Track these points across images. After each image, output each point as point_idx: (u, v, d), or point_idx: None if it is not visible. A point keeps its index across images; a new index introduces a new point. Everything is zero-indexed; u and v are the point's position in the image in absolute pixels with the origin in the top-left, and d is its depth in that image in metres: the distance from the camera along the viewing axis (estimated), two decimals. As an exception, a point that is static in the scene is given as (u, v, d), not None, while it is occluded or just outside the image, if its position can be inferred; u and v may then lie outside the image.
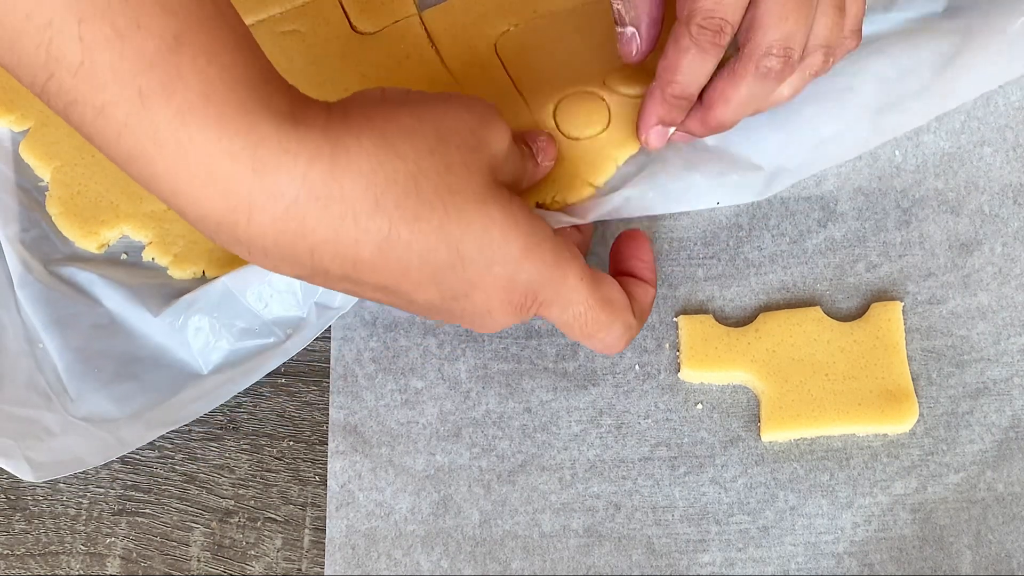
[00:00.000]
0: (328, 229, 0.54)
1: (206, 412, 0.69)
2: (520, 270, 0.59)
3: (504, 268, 0.58)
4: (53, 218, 0.73)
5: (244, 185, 0.52)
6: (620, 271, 0.68)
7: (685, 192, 0.70)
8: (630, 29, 0.68)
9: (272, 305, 0.70)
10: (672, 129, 0.68)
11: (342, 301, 0.69)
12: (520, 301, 0.60)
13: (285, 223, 0.53)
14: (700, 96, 0.66)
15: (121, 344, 0.70)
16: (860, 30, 0.66)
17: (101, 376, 0.69)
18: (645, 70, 0.72)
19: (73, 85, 0.50)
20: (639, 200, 0.69)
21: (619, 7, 0.67)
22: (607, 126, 0.71)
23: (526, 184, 0.66)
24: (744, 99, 0.65)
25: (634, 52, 0.69)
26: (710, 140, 0.71)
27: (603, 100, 0.72)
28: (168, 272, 0.72)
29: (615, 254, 0.69)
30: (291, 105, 0.53)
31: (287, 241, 0.54)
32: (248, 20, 0.77)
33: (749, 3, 0.62)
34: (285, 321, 0.70)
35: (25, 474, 0.66)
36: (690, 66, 0.64)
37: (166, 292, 0.71)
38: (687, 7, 0.62)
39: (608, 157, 0.70)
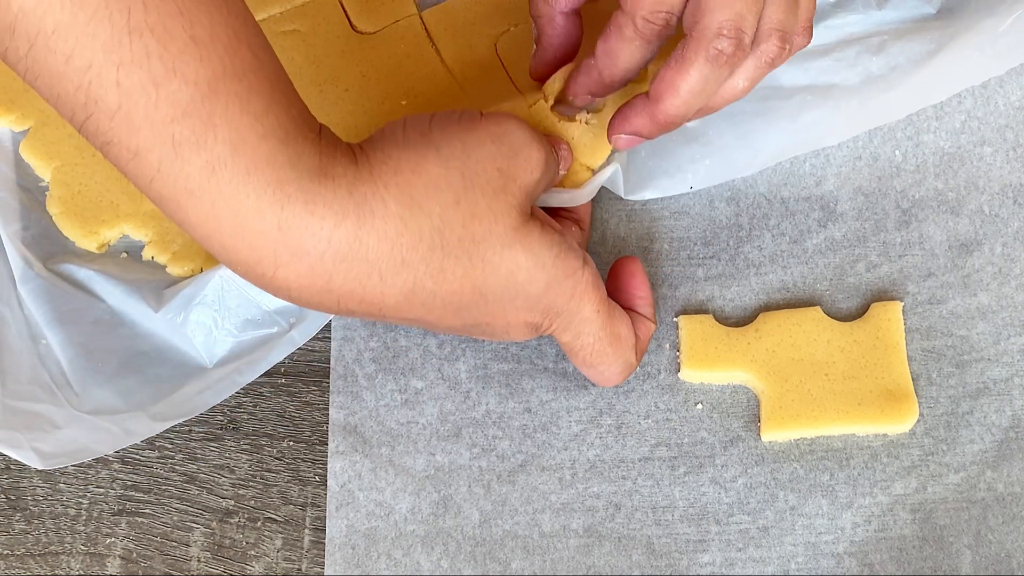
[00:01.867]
0: (354, 284, 0.55)
1: (214, 403, 0.69)
2: (540, 301, 0.60)
3: (525, 302, 0.60)
4: (53, 218, 0.73)
5: (270, 241, 0.53)
6: (621, 306, 0.68)
7: (659, 177, 0.72)
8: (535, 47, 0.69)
9: None
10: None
11: None
12: (537, 323, 0.61)
13: (311, 279, 0.54)
14: (647, 93, 0.63)
15: (124, 339, 0.70)
16: (811, 27, 0.63)
17: (105, 371, 0.69)
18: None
19: (110, 128, 0.50)
20: (621, 176, 0.70)
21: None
22: (601, 109, 0.71)
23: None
24: (695, 88, 0.60)
25: (531, 70, 0.70)
26: (691, 123, 0.72)
27: None
28: (167, 270, 0.72)
29: (613, 288, 0.68)
30: (320, 158, 0.54)
31: (313, 292, 0.55)
32: (248, 20, 0.77)
33: None
34: (287, 310, 0.70)
35: (33, 462, 0.66)
36: (631, 56, 0.62)
37: (165, 285, 0.71)
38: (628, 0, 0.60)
39: (603, 143, 0.70)
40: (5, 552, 0.68)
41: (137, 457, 0.70)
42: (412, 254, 0.55)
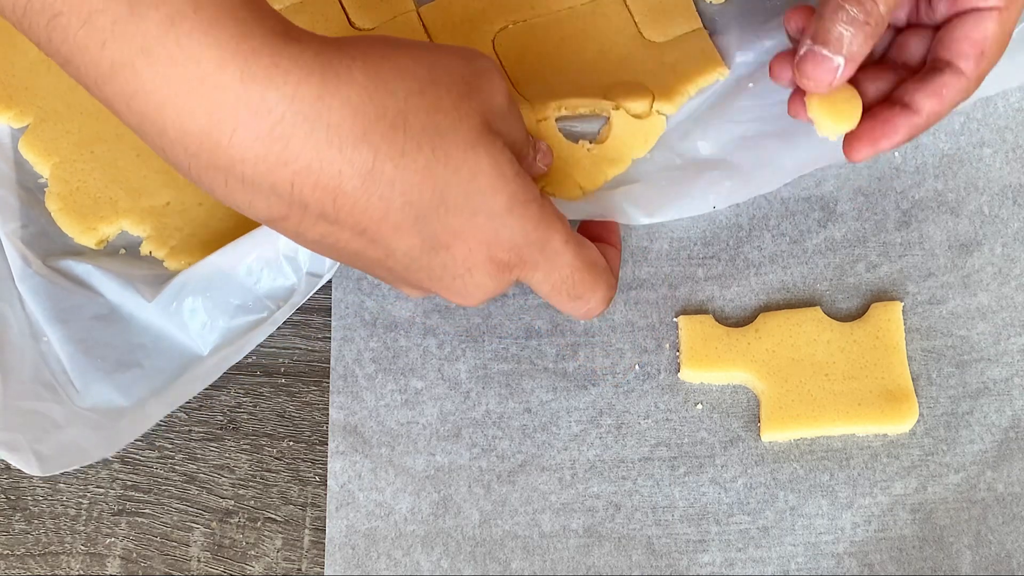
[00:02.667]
0: (312, 154, 0.52)
1: (201, 389, 0.69)
2: (504, 225, 0.57)
3: (488, 220, 0.57)
4: (52, 214, 0.73)
5: (230, 96, 0.51)
6: (588, 235, 0.67)
7: (681, 199, 0.70)
8: (838, 59, 0.60)
9: (263, 279, 0.70)
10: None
11: (331, 266, 0.69)
12: (503, 259, 0.58)
13: (269, 144, 0.52)
14: (899, 104, 0.63)
15: (121, 333, 0.70)
16: None
17: (104, 366, 0.69)
18: (647, 87, 0.73)
19: None
20: (628, 207, 0.70)
21: (845, 31, 0.60)
22: (605, 140, 0.72)
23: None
24: (957, 102, 0.63)
25: (826, 81, 0.61)
26: (704, 151, 0.72)
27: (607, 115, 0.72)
28: (164, 265, 0.72)
29: (582, 224, 0.69)
30: (285, 25, 0.52)
31: (268, 166, 0.53)
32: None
33: (954, 17, 0.62)
34: (277, 293, 0.70)
35: (33, 469, 0.65)
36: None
37: (162, 280, 0.71)
38: (977, 68, 0.62)
39: (600, 171, 0.70)
40: (5, 552, 0.68)
41: (137, 457, 0.70)
42: (374, 129, 0.53)
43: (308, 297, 0.70)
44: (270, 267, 0.70)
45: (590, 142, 0.69)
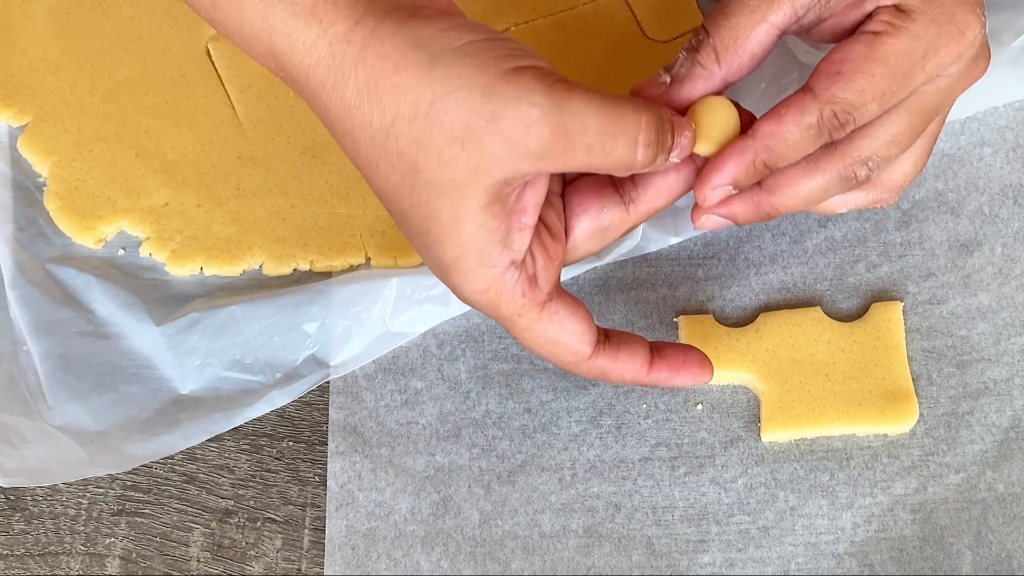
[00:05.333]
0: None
1: (183, 448, 0.69)
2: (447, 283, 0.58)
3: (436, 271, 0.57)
4: (50, 213, 0.73)
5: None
6: None
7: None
8: (665, 76, 0.59)
9: (271, 344, 0.70)
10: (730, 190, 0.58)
11: (339, 359, 0.70)
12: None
13: (265, 52, 0.55)
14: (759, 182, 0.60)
15: (105, 352, 0.70)
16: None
17: (81, 385, 0.69)
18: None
19: None
20: (651, 231, 0.71)
21: (681, 55, 0.59)
22: None
23: None
24: (813, 195, 0.59)
25: (651, 92, 0.59)
26: None
27: None
28: (166, 269, 0.72)
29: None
30: None
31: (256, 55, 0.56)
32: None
33: None
34: (277, 363, 0.70)
35: None
36: (800, 144, 0.56)
37: (163, 297, 0.71)
38: (829, 89, 0.56)
39: None
40: (5, 552, 0.68)
41: (136, 457, 0.70)
42: (358, 131, 0.54)
43: (314, 386, 0.70)
44: (282, 336, 0.70)
45: None
